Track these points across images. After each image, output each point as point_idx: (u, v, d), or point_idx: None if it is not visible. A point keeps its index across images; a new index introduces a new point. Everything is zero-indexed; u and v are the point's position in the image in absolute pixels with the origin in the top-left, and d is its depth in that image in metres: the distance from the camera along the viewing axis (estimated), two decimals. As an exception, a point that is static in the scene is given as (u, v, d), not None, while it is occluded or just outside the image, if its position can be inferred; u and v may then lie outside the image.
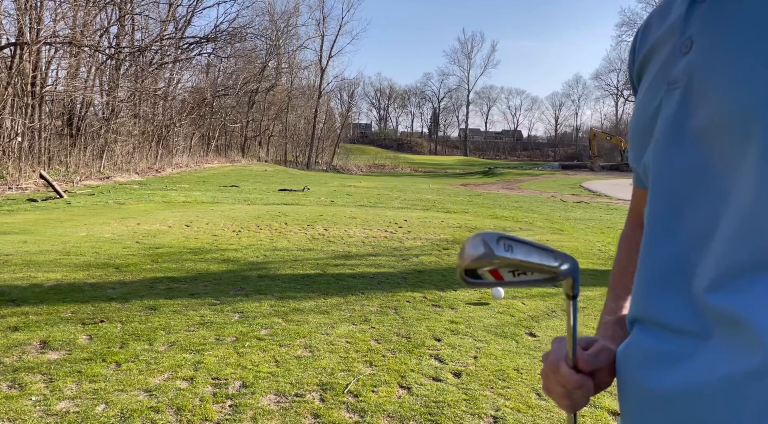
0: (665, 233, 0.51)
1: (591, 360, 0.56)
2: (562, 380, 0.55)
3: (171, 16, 22.76)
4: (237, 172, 23.03)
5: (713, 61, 0.46)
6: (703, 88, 0.46)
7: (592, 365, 0.55)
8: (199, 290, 3.96)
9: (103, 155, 16.88)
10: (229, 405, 2.21)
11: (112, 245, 5.55)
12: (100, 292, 3.80)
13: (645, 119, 0.55)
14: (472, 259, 0.48)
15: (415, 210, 10.65)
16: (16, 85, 13.07)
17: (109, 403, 2.18)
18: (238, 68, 29.85)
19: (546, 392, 0.60)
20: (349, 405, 2.24)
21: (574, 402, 0.57)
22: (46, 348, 2.75)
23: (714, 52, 0.46)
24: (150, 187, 13.78)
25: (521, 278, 0.51)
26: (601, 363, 0.56)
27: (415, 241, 6.60)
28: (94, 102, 17.61)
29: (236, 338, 3.00)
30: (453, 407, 2.24)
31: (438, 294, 4.11)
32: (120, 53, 19.01)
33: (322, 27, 40.08)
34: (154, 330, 3.06)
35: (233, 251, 5.48)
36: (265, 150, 35.52)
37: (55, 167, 14.60)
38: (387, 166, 42.37)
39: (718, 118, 0.45)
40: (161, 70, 21.93)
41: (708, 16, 0.46)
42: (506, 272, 0.50)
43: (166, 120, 22.06)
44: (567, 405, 0.57)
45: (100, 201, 10.18)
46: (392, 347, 2.93)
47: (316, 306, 3.67)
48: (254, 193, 13.35)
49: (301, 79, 41.54)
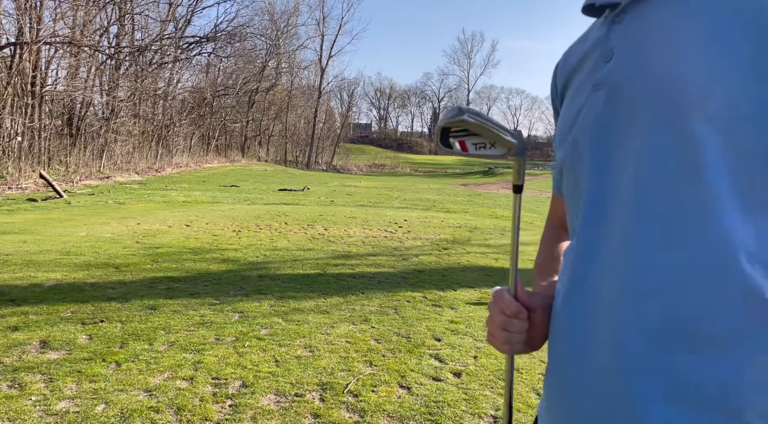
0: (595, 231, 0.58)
1: (529, 295, 0.65)
2: (503, 306, 0.63)
3: (171, 15, 22.76)
4: (237, 172, 23.03)
5: (633, 65, 0.55)
6: (625, 86, 0.55)
7: (530, 298, 0.64)
8: (199, 290, 3.96)
9: (103, 155, 16.88)
10: (229, 405, 2.21)
11: (111, 244, 5.55)
12: (99, 292, 3.80)
13: (570, 120, 0.64)
14: (447, 118, 0.59)
15: (415, 210, 10.65)
16: (15, 84, 13.07)
17: (109, 403, 2.18)
18: (238, 68, 29.84)
19: (489, 339, 0.67)
20: (349, 405, 2.24)
21: (512, 339, 0.63)
22: (46, 348, 2.75)
23: (634, 58, 0.56)
24: (150, 187, 13.77)
25: (482, 151, 0.61)
26: (535, 301, 0.64)
27: (415, 241, 6.60)
28: (94, 102, 17.61)
29: (236, 337, 3.00)
30: (453, 407, 2.24)
31: (438, 294, 4.11)
32: (120, 53, 19.01)
33: (322, 27, 40.10)
34: (154, 330, 3.05)
35: (233, 250, 5.48)
36: (265, 150, 35.52)
37: (54, 167, 14.60)
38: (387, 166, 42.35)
39: (642, 107, 0.53)
40: (161, 70, 21.92)
41: (625, 33, 0.57)
42: (470, 143, 0.60)
43: (166, 120, 22.05)
44: (505, 339, 0.63)
45: (99, 201, 10.18)
46: (392, 347, 2.93)
47: (316, 306, 3.67)
48: (254, 193, 13.35)
49: (301, 78, 41.54)
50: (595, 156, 0.58)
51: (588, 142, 0.58)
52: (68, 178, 13.74)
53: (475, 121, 0.58)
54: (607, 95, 0.57)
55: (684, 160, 0.49)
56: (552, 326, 0.64)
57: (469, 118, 0.58)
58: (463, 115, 0.58)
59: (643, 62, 0.54)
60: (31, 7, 13.35)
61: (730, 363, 0.47)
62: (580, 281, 0.58)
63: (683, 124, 0.49)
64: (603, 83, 0.58)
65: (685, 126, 0.49)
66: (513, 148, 0.59)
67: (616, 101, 0.56)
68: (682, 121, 0.49)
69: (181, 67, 23.99)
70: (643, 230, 0.52)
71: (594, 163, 0.57)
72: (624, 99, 0.55)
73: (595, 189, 0.57)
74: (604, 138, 0.57)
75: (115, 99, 17.66)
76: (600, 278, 0.55)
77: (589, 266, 0.57)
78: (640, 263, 0.51)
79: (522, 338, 0.64)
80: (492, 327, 0.65)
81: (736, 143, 0.47)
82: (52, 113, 15.36)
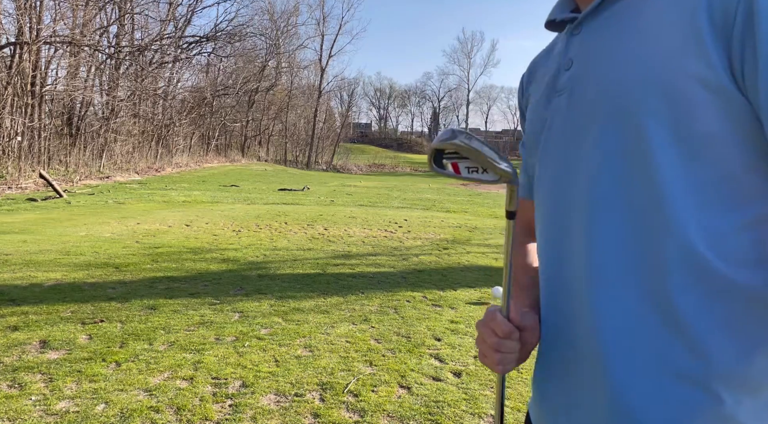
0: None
1: (522, 314, 0.65)
2: (496, 327, 0.63)
3: (171, 15, 22.75)
4: (237, 171, 23.03)
5: (587, 72, 0.61)
6: (583, 90, 0.60)
7: (523, 318, 0.65)
8: (199, 290, 3.96)
9: (103, 155, 16.88)
10: (229, 405, 2.21)
11: (111, 244, 5.54)
12: (99, 291, 3.80)
13: (537, 127, 0.68)
14: (439, 140, 0.59)
15: (415, 210, 10.65)
16: (15, 84, 13.07)
17: (108, 403, 2.18)
18: (237, 68, 29.83)
19: (480, 359, 0.66)
20: (349, 405, 2.24)
21: (504, 360, 0.64)
22: (45, 348, 2.75)
23: (587, 66, 0.61)
24: (150, 187, 13.77)
25: (474, 175, 0.61)
26: (527, 321, 0.65)
27: (415, 240, 6.60)
28: (93, 101, 17.60)
29: (236, 337, 3.00)
30: (453, 407, 2.24)
31: (438, 294, 4.11)
32: (120, 53, 19.00)
33: (322, 26, 40.08)
34: (153, 330, 3.05)
35: (233, 250, 5.47)
36: (264, 150, 35.51)
37: (54, 167, 14.59)
38: (387, 165, 42.33)
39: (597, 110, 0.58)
40: (161, 70, 21.91)
41: (581, 43, 0.63)
42: (463, 166, 0.60)
43: (165, 119, 22.04)
44: (498, 360, 0.63)
45: (99, 201, 10.17)
46: (392, 347, 2.93)
47: (316, 306, 3.67)
48: (254, 193, 13.35)
49: (301, 78, 41.52)
50: (560, 157, 0.62)
51: (554, 145, 0.64)
52: (68, 178, 13.74)
53: (467, 145, 0.57)
54: (568, 100, 0.62)
55: (635, 155, 0.54)
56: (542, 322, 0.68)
57: (461, 142, 0.58)
58: (456, 138, 0.58)
59: (594, 69, 0.60)
60: (30, 7, 13.35)
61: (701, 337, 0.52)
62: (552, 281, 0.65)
63: (631, 121, 0.54)
64: (564, 89, 0.63)
65: (633, 122, 0.54)
66: (505, 176, 0.59)
67: (575, 105, 0.61)
68: (630, 119, 0.54)
69: (180, 66, 23.99)
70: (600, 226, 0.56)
71: (559, 164, 0.62)
72: (581, 103, 0.60)
73: (558, 188, 0.62)
74: (569, 140, 0.61)
75: (114, 99, 17.66)
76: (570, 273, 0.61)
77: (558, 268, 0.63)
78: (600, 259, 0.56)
79: (514, 357, 0.64)
80: (484, 348, 0.65)
81: (680, 133, 0.52)
82: (52, 113, 15.35)
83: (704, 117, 0.50)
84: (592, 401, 0.58)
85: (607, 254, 0.56)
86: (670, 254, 0.52)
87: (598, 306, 0.56)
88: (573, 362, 0.61)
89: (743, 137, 0.50)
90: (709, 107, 0.50)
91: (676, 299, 0.52)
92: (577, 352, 0.60)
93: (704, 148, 0.51)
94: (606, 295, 0.56)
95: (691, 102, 0.51)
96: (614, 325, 0.55)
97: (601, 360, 0.56)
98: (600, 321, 0.56)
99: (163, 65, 22.00)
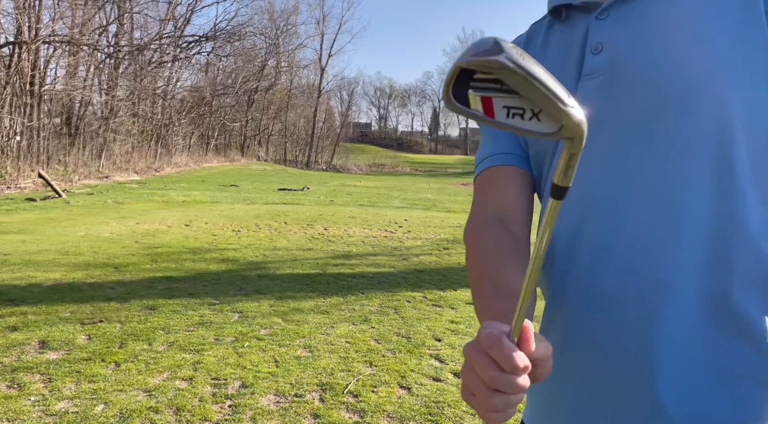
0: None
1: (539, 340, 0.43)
2: (501, 357, 0.40)
3: (170, 14, 22.73)
4: (236, 171, 23.01)
5: (637, 56, 0.56)
6: (632, 74, 0.56)
7: (540, 347, 0.43)
8: (199, 290, 3.95)
9: (102, 154, 16.86)
10: (229, 405, 2.20)
11: (110, 244, 5.54)
12: (99, 292, 3.79)
13: None
14: (472, 55, 0.36)
15: (416, 209, 10.65)
16: (14, 84, 13.05)
17: (108, 403, 2.17)
18: (237, 67, 29.80)
19: (465, 396, 0.44)
20: (349, 405, 2.24)
21: (505, 403, 0.41)
22: (45, 348, 2.74)
23: (634, 49, 0.57)
24: (149, 187, 13.76)
25: (515, 121, 0.38)
26: (542, 351, 0.43)
27: (415, 240, 6.59)
28: (92, 101, 17.59)
29: (236, 338, 2.99)
30: (453, 408, 2.24)
31: (438, 294, 4.11)
32: (119, 52, 18.98)
33: (322, 26, 40.06)
34: (153, 330, 3.05)
35: (232, 250, 5.47)
36: (264, 149, 35.49)
37: (53, 167, 14.57)
38: (387, 165, 42.30)
39: (647, 87, 0.55)
40: (160, 69, 21.90)
41: (614, 28, 0.59)
42: (500, 105, 0.37)
43: (165, 119, 22.02)
44: (494, 405, 0.41)
45: (98, 200, 10.16)
46: (392, 347, 2.92)
47: (315, 306, 3.66)
48: (254, 193, 13.34)
49: (301, 78, 41.49)
50: (615, 141, 0.57)
51: (598, 127, 0.57)
52: (67, 177, 13.72)
53: (516, 67, 0.35)
54: (609, 83, 0.58)
55: (718, 147, 0.52)
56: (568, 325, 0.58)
57: (509, 62, 0.35)
58: (500, 55, 0.35)
59: (645, 54, 0.56)
60: (29, 6, 13.32)
61: (756, 338, 0.52)
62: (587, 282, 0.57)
63: (710, 110, 0.52)
64: (596, 73, 0.59)
65: (711, 112, 0.52)
66: (571, 128, 0.37)
67: (622, 89, 0.57)
68: (708, 109, 0.52)
69: (180, 66, 23.98)
70: (683, 218, 0.53)
71: (615, 150, 0.57)
72: (631, 87, 0.56)
73: (614, 177, 0.56)
74: (624, 123, 0.57)
75: (114, 98, 17.64)
76: (623, 276, 0.55)
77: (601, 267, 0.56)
78: (676, 256, 0.53)
79: (518, 400, 0.42)
80: (474, 384, 0.42)
81: (749, 125, 0.51)
82: (50, 113, 15.34)
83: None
84: (642, 409, 0.54)
85: (684, 251, 0.52)
86: (737, 251, 0.51)
87: (657, 312, 0.53)
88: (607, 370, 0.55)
89: None
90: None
91: (738, 300, 0.52)
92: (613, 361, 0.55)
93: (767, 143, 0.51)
94: (669, 298, 0.53)
95: (757, 92, 0.51)
96: (671, 333, 0.53)
97: (651, 369, 0.53)
98: (655, 328, 0.53)
99: (163, 65, 21.98)
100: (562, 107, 0.36)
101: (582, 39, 0.62)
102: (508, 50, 0.35)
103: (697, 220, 0.52)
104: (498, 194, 0.62)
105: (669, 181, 0.53)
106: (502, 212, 0.61)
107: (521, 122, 0.38)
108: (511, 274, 0.54)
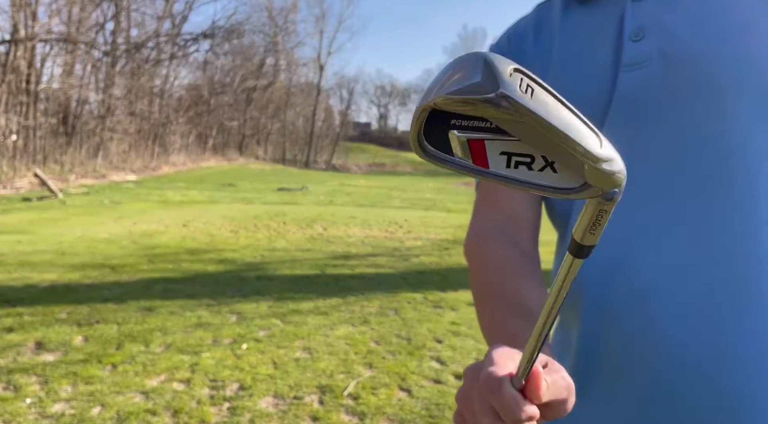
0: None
1: (553, 385, 0.36)
2: (501, 408, 0.34)
3: (167, 12, 22.65)
4: (234, 171, 22.97)
5: (684, 39, 0.51)
6: (681, 59, 0.51)
7: (554, 392, 0.36)
8: (196, 291, 3.92)
9: (99, 154, 16.79)
10: (227, 408, 2.18)
11: (107, 245, 5.50)
12: (95, 293, 3.76)
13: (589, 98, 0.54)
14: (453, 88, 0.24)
15: (416, 209, 10.64)
16: (10, 82, 12.98)
17: (104, 405, 2.15)
18: (235, 65, 29.74)
19: (457, 420, 0.38)
20: (349, 408, 2.22)
21: None
22: (41, 349, 2.71)
23: (680, 33, 0.52)
24: (146, 186, 13.71)
25: (519, 173, 0.27)
26: (561, 393, 0.37)
27: (415, 241, 6.58)
28: (89, 100, 17.52)
29: (234, 339, 2.97)
30: (454, 410, 2.22)
31: (439, 295, 4.09)
32: (116, 50, 18.91)
33: (321, 23, 40.02)
34: (150, 331, 3.02)
35: (231, 251, 5.44)
36: (263, 148, 35.44)
37: (50, 166, 14.50)
38: (387, 164, 42.26)
39: (706, 79, 0.50)
40: (157, 67, 21.83)
41: (658, 8, 0.53)
42: (496, 153, 0.26)
43: (162, 118, 21.96)
44: None
45: (95, 200, 10.12)
46: (392, 349, 2.90)
47: (314, 307, 3.64)
48: (252, 193, 13.31)
49: (300, 76, 41.39)
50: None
51: (653, 119, 0.51)
52: (63, 177, 13.66)
53: (528, 113, 0.24)
54: (650, 76, 0.51)
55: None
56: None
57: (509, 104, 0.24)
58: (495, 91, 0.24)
59: (702, 40, 0.51)
60: (25, 4, 13.25)
61: None
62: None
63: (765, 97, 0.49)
64: (640, 63, 0.52)
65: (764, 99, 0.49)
66: (603, 182, 0.26)
67: (668, 83, 0.51)
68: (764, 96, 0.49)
69: (177, 64, 23.92)
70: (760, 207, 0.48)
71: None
72: (684, 80, 0.51)
73: (673, 170, 0.50)
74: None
75: (110, 97, 17.57)
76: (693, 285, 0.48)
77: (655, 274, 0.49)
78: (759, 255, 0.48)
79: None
80: (469, 418, 0.37)
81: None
82: (47, 111, 15.26)
83: None
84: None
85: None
86: None
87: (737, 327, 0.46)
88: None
89: None
90: None
91: None
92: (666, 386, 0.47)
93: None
94: (750, 309, 0.46)
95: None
96: (753, 351, 0.46)
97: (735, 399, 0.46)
98: (736, 347, 0.46)
99: (160, 63, 21.92)
100: (592, 164, 0.25)
101: (616, 23, 0.54)
102: (507, 82, 0.23)
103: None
104: (503, 202, 0.55)
105: (747, 181, 0.50)
106: (507, 222, 0.54)
107: (528, 174, 0.27)
108: (522, 289, 0.48)
